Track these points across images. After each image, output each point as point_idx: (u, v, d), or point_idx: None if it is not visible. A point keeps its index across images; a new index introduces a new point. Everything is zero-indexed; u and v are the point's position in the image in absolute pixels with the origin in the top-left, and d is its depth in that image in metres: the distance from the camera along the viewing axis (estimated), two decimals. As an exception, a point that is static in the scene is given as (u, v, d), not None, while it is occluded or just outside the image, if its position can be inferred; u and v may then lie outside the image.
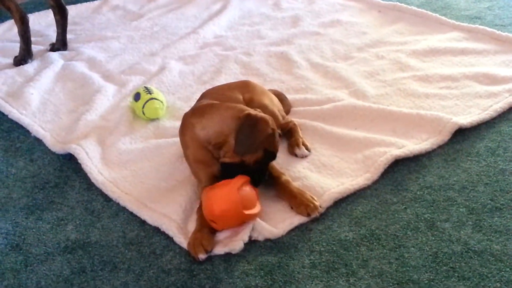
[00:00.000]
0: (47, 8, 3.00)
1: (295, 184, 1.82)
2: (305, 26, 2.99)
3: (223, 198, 1.65)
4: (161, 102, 2.26)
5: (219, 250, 1.65)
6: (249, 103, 1.93)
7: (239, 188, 1.66)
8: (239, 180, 1.69)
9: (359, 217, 1.76)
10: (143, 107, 2.23)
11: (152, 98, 2.24)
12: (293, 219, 1.74)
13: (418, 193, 1.84)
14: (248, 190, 1.70)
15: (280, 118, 2.05)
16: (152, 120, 2.25)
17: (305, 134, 2.10)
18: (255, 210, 1.70)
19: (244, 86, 2.02)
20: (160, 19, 3.19)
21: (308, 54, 2.69)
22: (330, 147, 2.05)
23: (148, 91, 2.26)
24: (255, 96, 1.98)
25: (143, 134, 2.18)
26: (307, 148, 2.01)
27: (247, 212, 1.67)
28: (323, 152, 2.03)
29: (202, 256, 1.63)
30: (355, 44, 2.76)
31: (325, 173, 1.93)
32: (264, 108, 1.93)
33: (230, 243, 1.66)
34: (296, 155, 2.00)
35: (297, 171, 1.92)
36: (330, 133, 2.10)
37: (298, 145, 2.01)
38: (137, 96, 2.26)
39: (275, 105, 2.06)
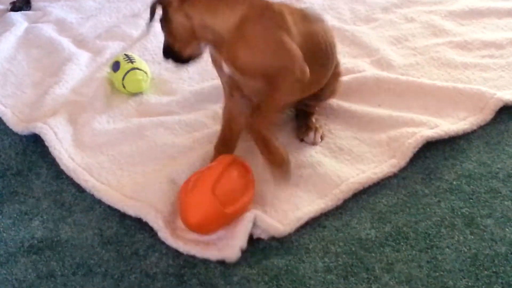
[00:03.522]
0: (7, -41, 2.98)
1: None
2: (318, -19, 2.96)
3: (197, 205, 1.65)
4: (145, 73, 2.25)
5: (211, 254, 1.64)
6: None
7: (213, 187, 1.65)
8: (215, 171, 1.68)
9: (383, 212, 1.75)
10: (123, 78, 2.22)
11: (133, 68, 2.23)
12: (304, 213, 1.74)
13: (454, 183, 1.83)
14: (232, 179, 1.70)
15: None
16: (134, 94, 2.24)
17: (318, 111, 2.09)
18: (243, 200, 1.69)
19: None
20: (144, -28, 3.16)
21: (323, 15, 2.66)
22: (348, 128, 2.04)
23: (130, 59, 2.25)
24: None
25: (123, 111, 2.17)
26: (321, 137, 2.00)
27: (229, 210, 1.66)
28: (340, 134, 2.02)
29: None
30: (379, 3, 2.74)
31: (342, 159, 1.92)
32: None
33: (225, 248, 1.65)
34: (302, 140, 1.99)
35: (309, 156, 1.92)
36: (349, 110, 2.09)
37: (310, 129, 2.00)
38: (115, 66, 2.25)
39: None
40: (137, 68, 2.23)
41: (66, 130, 2.08)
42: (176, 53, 1.90)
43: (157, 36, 2.57)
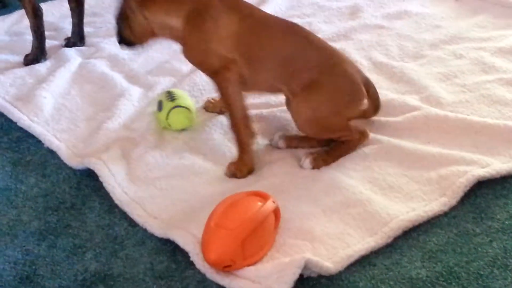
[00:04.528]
0: (62, -4, 3.07)
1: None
2: (366, 18, 2.98)
3: (221, 246, 1.67)
4: (187, 108, 2.27)
5: None
6: None
7: (244, 241, 1.67)
8: (251, 223, 1.69)
9: (433, 251, 1.74)
10: (167, 117, 2.25)
11: (175, 106, 2.25)
12: (354, 251, 1.73)
13: (506, 222, 1.81)
14: (263, 234, 1.72)
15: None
16: (182, 130, 2.27)
17: (366, 147, 2.10)
18: (263, 252, 1.73)
19: None
20: (194, 9, 3.21)
21: (370, 52, 2.68)
22: (398, 165, 2.03)
23: (171, 97, 2.28)
24: None
25: (174, 146, 2.20)
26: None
27: (246, 262, 1.69)
28: (389, 171, 2.01)
29: None
30: (427, 40, 2.74)
31: (391, 196, 1.92)
32: None
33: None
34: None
35: (358, 193, 1.91)
36: (398, 147, 2.09)
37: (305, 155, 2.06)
38: (159, 106, 2.29)
39: None
40: (179, 106, 2.25)
41: (119, 164, 2.11)
42: (131, 43, 2.15)
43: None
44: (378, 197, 1.91)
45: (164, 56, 2.80)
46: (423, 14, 2.96)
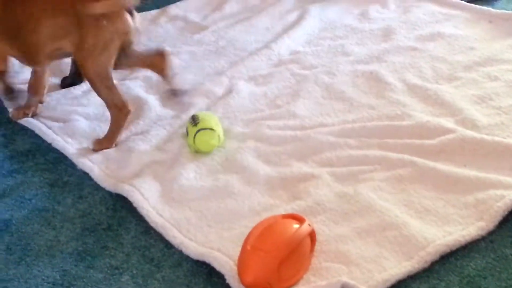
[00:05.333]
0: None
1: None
2: (399, 40, 2.98)
3: (258, 269, 1.68)
4: (211, 129, 2.28)
5: None
6: None
7: (280, 264, 1.68)
8: (288, 246, 1.71)
9: (471, 276, 1.72)
10: (194, 142, 2.28)
11: (198, 130, 2.27)
12: (390, 275, 1.72)
13: (545, 247, 1.79)
14: (298, 258, 1.73)
15: None
16: (215, 149, 2.29)
17: (402, 170, 2.09)
18: (300, 275, 1.73)
19: None
20: (227, 31, 3.25)
21: (404, 74, 2.68)
22: (434, 188, 2.02)
23: (194, 121, 2.31)
24: None
25: (209, 167, 2.22)
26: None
27: (282, 285, 1.70)
28: (425, 194, 2.00)
29: None
30: (461, 61, 2.73)
31: (428, 220, 1.90)
32: None
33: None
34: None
35: (394, 216, 1.90)
36: (434, 170, 2.08)
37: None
38: (186, 132, 2.33)
39: None
40: (202, 128, 2.27)
41: (152, 188, 2.13)
42: None
43: (240, 93, 2.65)
44: (414, 220, 1.90)
45: (198, 77, 2.82)
46: (456, 35, 2.95)
